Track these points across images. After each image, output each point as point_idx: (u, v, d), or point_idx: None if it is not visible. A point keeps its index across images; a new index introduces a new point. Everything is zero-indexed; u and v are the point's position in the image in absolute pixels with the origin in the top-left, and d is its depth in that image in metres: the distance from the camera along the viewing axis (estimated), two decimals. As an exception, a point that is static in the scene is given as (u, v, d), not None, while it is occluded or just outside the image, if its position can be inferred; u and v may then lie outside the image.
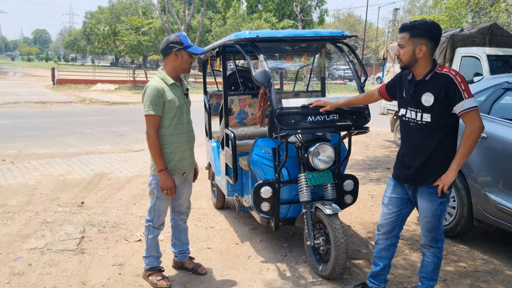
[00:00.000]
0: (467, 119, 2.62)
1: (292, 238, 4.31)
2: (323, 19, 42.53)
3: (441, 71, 2.67)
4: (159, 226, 3.34)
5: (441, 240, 2.88)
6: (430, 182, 2.76)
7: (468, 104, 2.58)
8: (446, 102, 2.63)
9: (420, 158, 2.78)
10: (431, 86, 2.68)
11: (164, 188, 3.12)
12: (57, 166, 7.23)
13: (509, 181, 3.71)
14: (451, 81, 2.61)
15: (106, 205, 5.30)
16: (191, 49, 3.12)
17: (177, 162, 3.21)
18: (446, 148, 2.73)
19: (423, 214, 2.84)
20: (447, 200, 2.83)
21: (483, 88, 4.25)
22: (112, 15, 61.66)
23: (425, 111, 2.72)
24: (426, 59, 2.69)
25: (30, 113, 14.63)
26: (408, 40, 2.68)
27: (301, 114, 3.37)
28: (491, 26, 8.40)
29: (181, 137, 3.20)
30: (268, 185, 3.63)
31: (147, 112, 3.05)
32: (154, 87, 3.06)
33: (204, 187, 6.07)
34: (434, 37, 2.68)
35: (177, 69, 3.17)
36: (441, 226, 2.85)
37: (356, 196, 3.94)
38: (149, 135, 3.09)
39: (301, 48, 4.56)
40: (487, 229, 4.65)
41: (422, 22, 2.71)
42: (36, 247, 4.00)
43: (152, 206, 3.28)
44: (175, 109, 3.13)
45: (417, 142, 2.80)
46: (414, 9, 58.02)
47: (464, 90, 2.58)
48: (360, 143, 10.27)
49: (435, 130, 2.71)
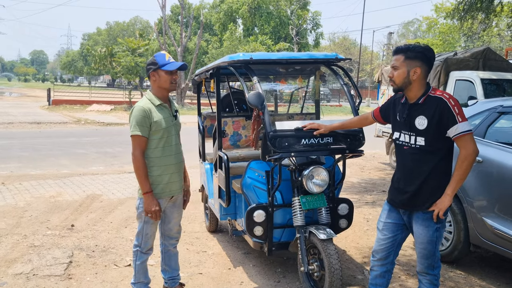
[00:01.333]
0: (461, 143, 2.59)
1: (286, 263, 4.21)
2: (319, 42, 43.14)
3: (434, 94, 2.66)
4: (147, 251, 3.24)
5: (437, 267, 2.80)
6: (426, 207, 2.70)
7: (462, 127, 2.55)
8: (439, 125, 2.60)
9: (415, 183, 2.73)
10: (424, 109, 2.66)
11: (148, 211, 3.04)
12: (48, 188, 7.12)
13: (505, 206, 3.66)
14: (444, 104, 2.59)
15: (97, 228, 5.19)
16: (166, 66, 3.06)
17: (165, 185, 3.14)
18: (441, 172, 2.68)
19: (418, 240, 2.77)
20: (443, 226, 2.77)
21: (478, 111, 4.24)
22: (110, 37, 62.21)
23: (418, 135, 2.69)
24: (419, 82, 2.67)
25: (24, 134, 14.54)
26: (403, 62, 2.68)
27: (295, 137, 3.33)
28: (485, 50, 8.49)
29: (169, 159, 3.14)
30: (262, 208, 3.56)
31: (133, 133, 3.01)
32: (141, 107, 3.03)
33: (197, 209, 5.99)
34: (429, 60, 2.68)
35: (160, 89, 3.13)
36: (437, 253, 2.78)
37: (351, 220, 3.87)
38: (135, 156, 3.03)
39: (295, 70, 4.55)
40: (484, 254, 4.57)
41: (417, 45, 2.72)
42: (22, 272, 3.88)
43: (140, 230, 3.19)
44: (162, 131, 3.08)
45: (412, 166, 2.75)
46: (408, 33, 58.96)
47: (458, 114, 2.56)
48: (355, 165, 10.23)
49: (430, 154, 2.67)
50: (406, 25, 59.23)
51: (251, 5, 39.44)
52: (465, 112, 4.37)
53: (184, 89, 27.83)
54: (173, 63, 3.09)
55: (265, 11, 39.63)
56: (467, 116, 4.29)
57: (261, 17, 39.58)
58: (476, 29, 13.97)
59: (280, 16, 39.73)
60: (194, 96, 29.18)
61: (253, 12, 39.83)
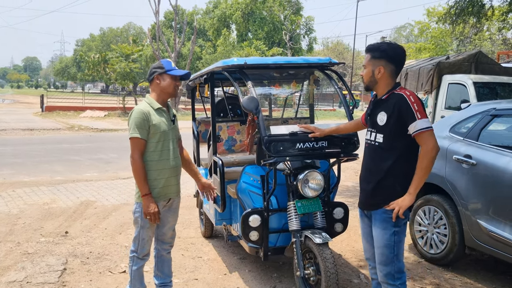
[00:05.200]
0: (421, 140, 2.56)
1: (281, 268, 4.20)
2: (312, 47, 43.30)
3: (398, 92, 2.65)
4: (143, 257, 3.22)
5: (398, 278, 2.66)
6: (381, 206, 2.66)
7: (421, 124, 2.52)
8: (398, 121, 2.59)
9: (372, 181, 2.72)
10: (385, 105, 2.67)
11: (147, 213, 3.03)
12: (42, 195, 7.06)
13: (500, 208, 3.68)
14: (404, 100, 2.58)
15: (91, 234, 5.15)
16: (172, 72, 3.13)
17: (161, 189, 3.14)
18: (398, 172, 2.64)
19: (376, 244, 2.71)
20: (401, 231, 2.67)
21: (471, 114, 4.26)
22: (103, 43, 62.17)
23: (378, 131, 2.69)
24: (385, 81, 2.69)
25: (17, 140, 14.44)
26: (369, 61, 2.72)
27: (289, 141, 3.33)
28: (477, 54, 8.58)
29: (166, 163, 3.14)
30: (257, 213, 3.55)
31: (132, 135, 3.02)
32: (140, 110, 3.05)
33: (192, 215, 5.96)
34: (393, 59, 2.67)
35: (162, 93, 3.16)
36: (397, 262, 2.66)
37: (346, 224, 3.87)
38: (134, 158, 3.03)
39: (289, 75, 4.56)
40: (480, 257, 4.59)
41: (382, 44, 2.73)
42: (15, 280, 3.83)
43: (136, 235, 3.18)
44: (159, 134, 3.09)
45: (370, 165, 2.76)
46: (400, 37, 59.40)
47: (417, 111, 2.53)
48: (350, 169, 10.24)
49: (387, 152, 2.65)
50: (398, 29, 59.72)
51: (244, 11, 39.57)
52: (459, 115, 4.45)
53: (178, 94, 27.83)
54: (179, 70, 3.18)
55: (258, 16, 39.76)
56: (461, 119, 4.37)
57: (255, 23, 39.70)
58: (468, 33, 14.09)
59: (274, 22, 39.87)
60: (188, 102, 29.18)
61: (246, 18, 39.95)
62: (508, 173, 3.60)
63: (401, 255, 2.68)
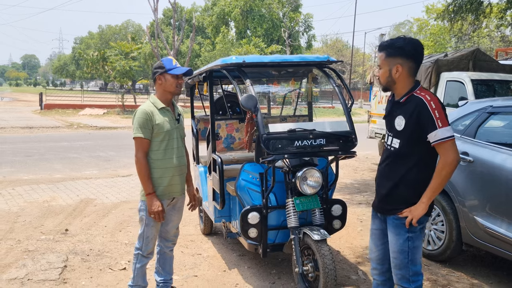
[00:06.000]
0: (440, 150, 2.39)
1: (280, 264, 4.23)
2: (311, 44, 43.29)
3: (418, 94, 2.46)
4: (148, 255, 3.26)
5: (414, 281, 2.56)
6: (394, 213, 2.55)
7: (441, 134, 2.34)
8: (417, 128, 2.42)
9: (386, 187, 2.60)
10: (404, 109, 2.48)
11: (152, 212, 3.07)
12: (42, 192, 7.09)
13: (496, 205, 3.71)
14: (423, 106, 2.39)
15: (91, 232, 5.18)
16: (173, 70, 3.14)
17: (165, 187, 3.17)
18: (413, 180, 2.50)
19: (390, 248, 2.61)
20: (416, 237, 2.54)
21: (468, 112, 4.29)
22: (102, 41, 62.01)
23: (395, 136, 2.55)
24: (404, 80, 2.50)
25: (16, 139, 14.45)
26: (384, 60, 2.52)
27: (288, 139, 3.36)
28: (474, 51, 8.58)
29: (170, 162, 3.17)
30: (256, 210, 3.58)
31: (136, 135, 3.06)
32: (143, 110, 3.09)
33: (191, 213, 5.98)
34: (411, 55, 2.46)
35: (165, 92, 3.18)
36: (412, 266, 2.55)
37: (344, 221, 3.90)
38: (138, 158, 3.07)
39: (288, 73, 4.58)
40: (477, 253, 4.63)
41: (398, 39, 2.50)
42: (17, 277, 3.87)
43: (141, 233, 3.22)
44: (163, 133, 3.12)
45: (385, 169, 2.63)
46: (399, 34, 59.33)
47: (438, 119, 2.35)
48: (348, 166, 10.28)
49: (403, 159, 2.52)
50: (397, 26, 59.65)
51: (243, 8, 39.53)
52: (456, 113, 4.47)
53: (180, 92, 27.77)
54: (179, 68, 3.17)
55: (257, 13, 39.73)
56: (458, 116, 4.39)
57: (254, 20, 39.67)
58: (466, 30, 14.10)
59: (272, 19, 39.86)
60: (187, 99, 29.16)
61: (245, 15, 39.92)
62: (505, 170, 3.63)
63: (418, 259, 2.56)
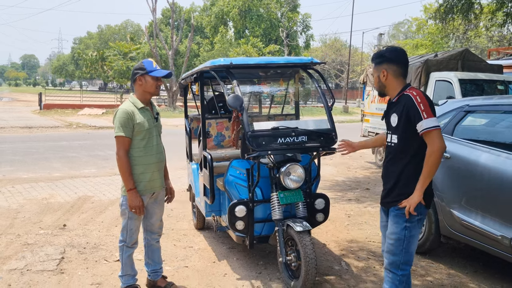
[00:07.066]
0: (427, 139, 2.66)
1: (268, 256, 4.44)
2: (309, 44, 43.49)
3: (407, 92, 2.76)
4: (132, 245, 3.45)
5: (404, 270, 2.79)
6: (395, 203, 2.80)
7: (426, 124, 2.62)
8: (408, 122, 2.70)
9: (390, 181, 2.87)
10: (397, 107, 2.80)
11: (132, 207, 3.25)
12: (41, 190, 7.29)
13: (471, 198, 3.91)
14: (411, 100, 2.68)
15: (88, 227, 5.39)
16: (154, 73, 3.30)
17: (147, 183, 3.35)
18: (412, 170, 2.75)
19: (388, 236, 2.86)
20: (413, 227, 2.77)
21: (447, 111, 4.50)
22: (101, 41, 62.23)
23: (393, 133, 2.84)
24: (392, 82, 2.82)
25: (15, 138, 14.65)
26: (374, 69, 2.90)
27: (271, 136, 3.56)
28: (463, 51, 8.79)
29: (150, 158, 3.36)
30: (243, 204, 3.79)
31: (117, 134, 3.23)
32: (124, 110, 3.24)
33: (185, 208, 6.20)
34: (392, 60, 2.81)
35: (144, 93, 3.34)
36: (406, 254, 2.78)
37: (327, 214, 4.10)
38: (119, 155, 3.24)
39: (275, 74, 4.79)
40: (456, 245, 4.83)
41: (382, 50, 2.90)
42: (16, 268, 4.08)
43: (124, 226, 3.40)
44: (144, 132, 3.29)
45: (388, 165, 2.91)
46: (398, 34, 59.47)
47: (424, 111, 2.63)
48: (342, 164, 10.50)
49: (402, 153, 2.79)
50: (396, 26, 59.76)
51: (241, 8, 39.72)
52: (436, 111, 4.67)
53: (176, 92, 28.01)
54: (160, 70, 3.33)
55: (255, 13, 39.93)
56: (438, 115, 4.57)
57: (252, 20, 39.87)
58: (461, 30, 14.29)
59: (271, 19, 40.06)
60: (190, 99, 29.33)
61: (243, 15, 40.11)
62: (479, 166, 3.84)
63: (412, 249, 2.78)
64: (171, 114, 25.88)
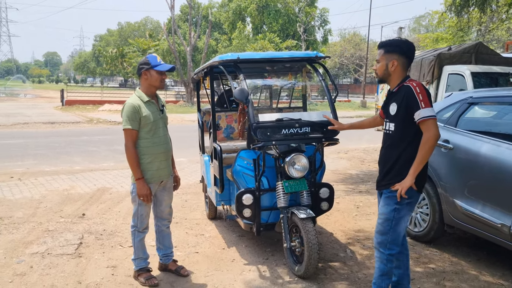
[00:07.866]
0: (423, 127, 2.83)
1: (276, 243, 4.60)
2: (327, 39, 43.24)
3: (407, 83, 2.91)
4: (143, 230, 3.66)
5: (391, 249, 2.97)
6: (387, 186, 2.99)
7: (423, 113, 2.79)
8: (406, 111, 2.86)
9: (386, 166, 3.04)
10: (396, 97, 2.96)
11: (141, 195, 3.45)
12: (62, 182, 7.61)
13: (473, 188, 4.00)
14: (410, 91, 2.85)
15: (106, 216, 5.65)
16: (158, 67, 3.47)
17: (155, 171, 3.54)
18: (406, 157, 2.91)
19: (378, 216, 3.05)
20: (402, 209, 2.94)
21: (451, 103, 4.58)
22: (121, 38, 63.02)
23: (391, 121, 3.00)
24: (398, 73, 2.97)
25: (38, 133, 15.13)
26: (383, 55, 3.00)
27: (276, 127, 3.72)
28: (477, 44, 8.77)
29: (158, 148, 3.55)
30: (249, 192, 3.96)
31: (125, 127, 3.42)
32: (131, 104, 3.43)
33: (199, 199, 6.41)
34: (405, 53, 2.95)
35: (150, 86, 3.52)
36: (393, 234, 2.95)
37: (332, 203, 4.24)
38: (127, 147, 3.44)
39: (283, 68, 4.93)
40: (462, 235, 4.91)
41: (395, 40, 3.05)
42: (38, 251, 4.35)
43: (135, 212, 3.61)
44: (150, 124, 3.47)
45: (385, 151, 3.08)
46: (419, 27, 58.59)
47: (422, 100, 2.80)
48: (356, 158, 10.57)
49: (398, 140, 2.95)
50: (417, 19, 58.85)
51: (259, 4, 39.77)
52: (441, 104, 4.76)
53: (191, 86, 28.33)
54: (164, 65, 3.51)
55: (273, 9, 39.93)
56: (443, 107, 4.68)
57: (269, 15, 39.88)
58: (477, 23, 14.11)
59: (288, 14, 39.99)
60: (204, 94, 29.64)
61: (261, 11, 40.15)
62: (481, 156, 3.92)
63: (400, 230, 2.95)
64: (189, 109, 26.20)
